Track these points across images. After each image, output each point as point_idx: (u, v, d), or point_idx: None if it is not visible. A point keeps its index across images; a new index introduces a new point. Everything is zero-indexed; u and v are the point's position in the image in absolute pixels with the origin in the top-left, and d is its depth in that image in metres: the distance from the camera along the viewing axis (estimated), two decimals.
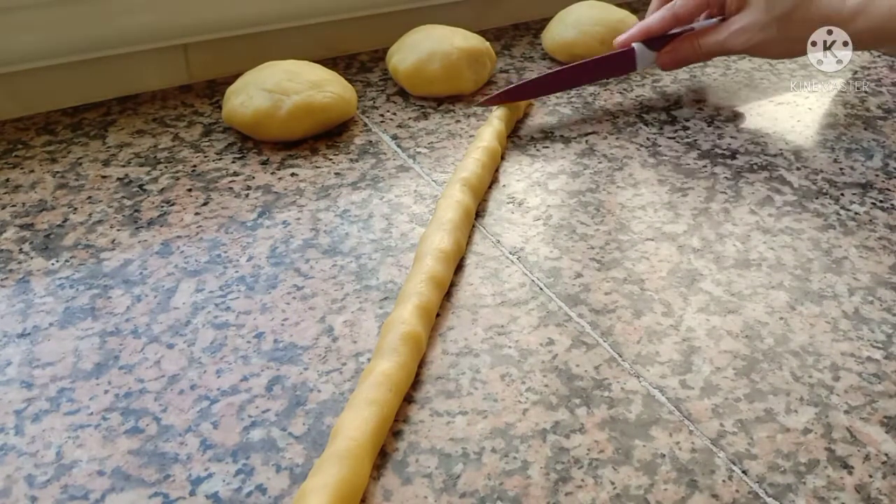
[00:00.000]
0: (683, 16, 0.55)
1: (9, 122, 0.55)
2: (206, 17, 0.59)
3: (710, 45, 0.55)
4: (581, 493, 0.30)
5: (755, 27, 0.52)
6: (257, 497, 0.30)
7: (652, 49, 0.56)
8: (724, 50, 0.55)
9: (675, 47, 0.56)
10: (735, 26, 0.53)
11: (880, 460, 0.32)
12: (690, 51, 0.55)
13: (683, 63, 0.57)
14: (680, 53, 0.56)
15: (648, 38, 0.56)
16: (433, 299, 0.38)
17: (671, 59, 0.56)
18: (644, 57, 0.56)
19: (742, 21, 0.53)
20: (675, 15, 0.55)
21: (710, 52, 0.55)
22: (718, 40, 0.54)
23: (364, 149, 0.53)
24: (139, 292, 0.40)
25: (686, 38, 0.56)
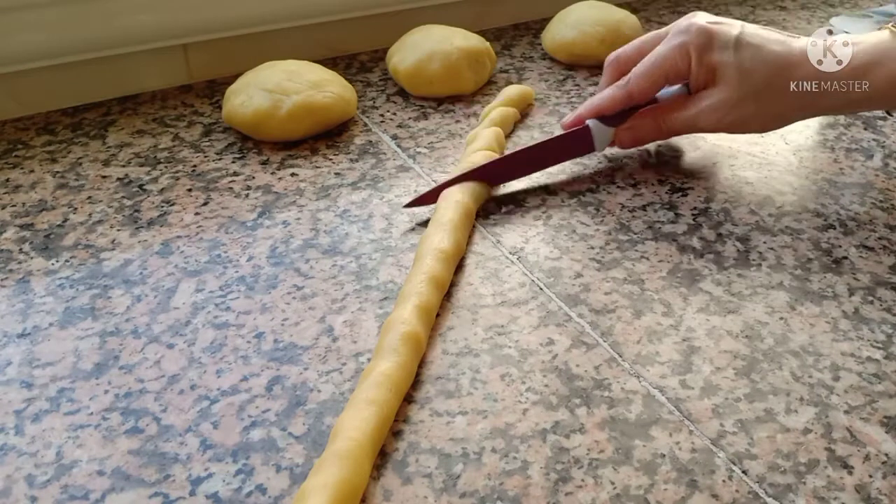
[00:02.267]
0: (637, 95, 0.48)
1: (9, 122, 0.55)
2: (206, 17, 0.59)
3: (676, 122, 0.48)
4: (581, 493, 0.30)
5: (727, 104, 0.45)
6: (257, 497, 0.30)
7: (609, 125, 0.49)
8: (693, 128, 0.48)
9: (634, 125, 0.49)
10: (705, 103, 0.46)
11: (880, 460, 0.32)
12: (653, 129, 0.49)
13: (645, 142, 0.50)
14: (640, 132, 0.49)
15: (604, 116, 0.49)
16: (433, 299, 0.38)
17: (630, 137, 0.49)
18: (602, 134, 0.49)
19: (712, 98, 0.46)
20: (629, 94, 0.48)
21: (676, 131, 0.49)
22: (686, 117, 0.47)
23: (364, 149, 0.53)
24: (139, 292, 0.40)
25: (648, 114, 0.49)
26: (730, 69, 0.45)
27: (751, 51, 0.45)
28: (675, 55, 0.46)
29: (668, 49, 0.46)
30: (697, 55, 0.45)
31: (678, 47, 0.46)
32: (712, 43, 0.45)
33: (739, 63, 0.45)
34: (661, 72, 0.47)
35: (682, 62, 0.46)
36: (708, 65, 0.45)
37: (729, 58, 0.45)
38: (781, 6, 0.80)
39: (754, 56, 0.45)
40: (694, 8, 0.79)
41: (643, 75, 0.47)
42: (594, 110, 0.49)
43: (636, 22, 0.66)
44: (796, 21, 0.76)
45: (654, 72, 0.47)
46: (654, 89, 0.48)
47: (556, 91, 0.61)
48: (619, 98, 0.48)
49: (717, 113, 0.46)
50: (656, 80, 0.47)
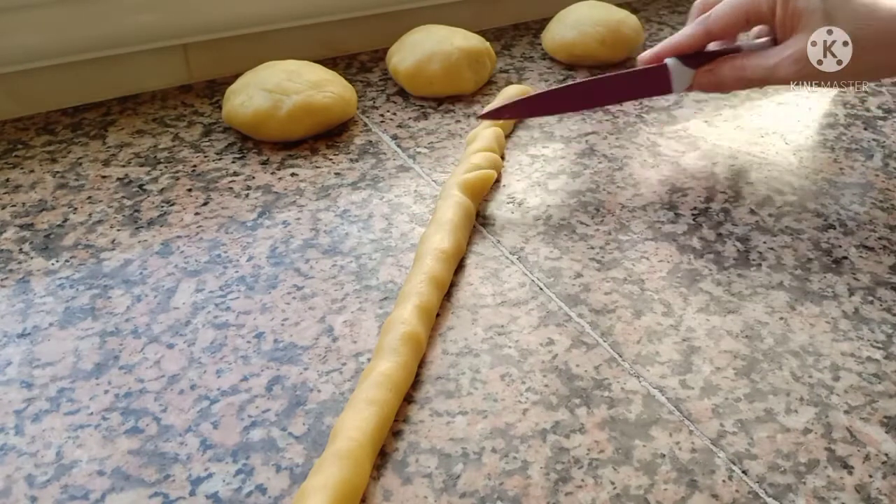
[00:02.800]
0: (716, 32, 0.46)
1: (9, 122, 0.55)
2: (206, 17, 0.59)
3: (756, 70, 0.46)
4: (581, 493, 0.30)
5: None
6: (257, 497, 0.30)
7: (689, 66, 0.47)
8: (772, 78, 0.45)
9: (715, 67, 0.47)
10: (787, 52, 0.44)
11: (880, 460, 0.32)
12: (733, 74, 0.47)
13: (724, 88, 0.48)
14: (720, 75, 0.47)
15: (682, 55, 0.47)
16: (433, 299, 0.38)
17: (710, 80, 0.47)
18: (681, 76, 0.47)
19: (795, 47, 0.43)
20: (707, 30, 0.46)
21: (755, 79, 0.46)
22: (767, 66, 0.45)
23: (364, 149, 0.53)
24: (139, 292, 0.40)
25: (731, 60, 0.47)
26: (815, 17, 0.43)
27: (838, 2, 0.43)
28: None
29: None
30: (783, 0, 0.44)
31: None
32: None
33: (825, 11, 0.42)
34: (742, 12, 0.45)
35: (765, 5, 0.44)
36: (793, 10, 0.43)
37: (815, 4, 0.43)
38: None
39: (842, 5, 0.42)
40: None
41: (724, 12, 0.46)
42: (672, 47, 0.48)
43: (636, 22, 0.66)
44: None
45: (736, 10, 0.45)
46: (733, 28, 0.46)
47: None
48: (697, 34, 0.47)
49: (799, 63, 0.44)
50: (737, 18, 0.46)
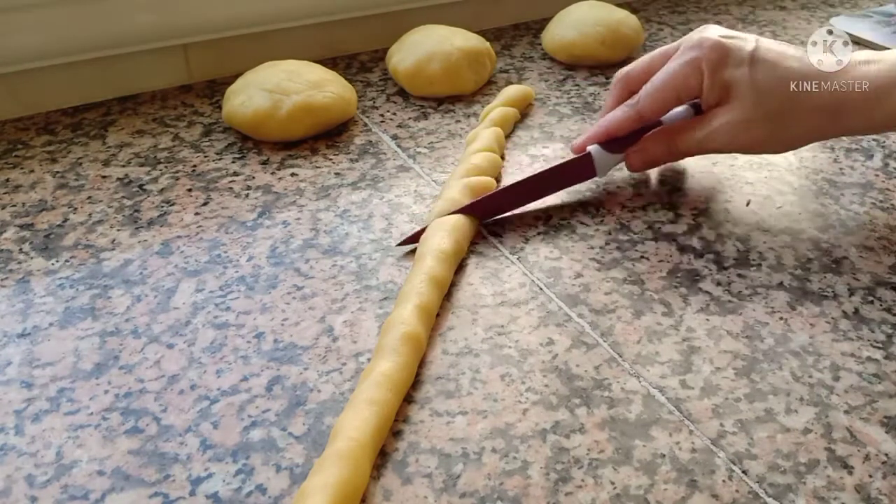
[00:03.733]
0: (647, 115, 0.45)
1: (9, 122, 0.55)
2: (206, 17, 0.59)
3: (688, 144, 0.45)
4: (581, 493, 0.30)
5: (741, 124, 0.43)
6: (257, 497, 0.30)
7: (611, 152, 0.47)
8: (706, 149, 0.45)
9: (645, 147, 0.46)
10: (717, 122, 0.43)
11: (880, 460, 0.32)
12: (664, 151, 0.46)
13: (656, 164, 0.48)
14: (650, 154, 0.47)
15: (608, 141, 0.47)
16: (433, 299, 0.38)
17: (640, 160, 0.47)
18: (604, 161, 0.47)
19: (725, 117, 0.43)
20: (639, 114, 0.45)
21: (688, 152, 0.46)
22: (699, 138, 0.44)
23: (364, 149, 0.53)
24: (139, 292, 0.40)
25: (657, 137, 0.46)
26: (744, 86, 0.42)
27: (766, 67, 0.42)
28: (686, 72, 0.44)
29: (679, 65, 0.44)
30: (710, 71, 0.43)
31: (690, 63, 0.43)
32: (726, 59, 0.43)
33: (754, 80, 0.42)
34: (673, 90, 0.44)
35: (693, 79, 0.43)
36: (721, 82, 0.43)
37: (743, 75, 0.42)
38: (781, 6, 0.80)
39: (770, 73, 0.42)
40: (693, 8, 0.79)
41: (653, 94, 0.45)
42: (604, 132, 0.47)
43: (636, 22, 0.66)
44: (796, 21, 0.76)
45: (665, 90, 0.44)
46: (664, 108, 0.46)
47: (556, 91, 0.61)
48: (628, 118, 0.46)
49: (730, 133, 0.43)
50: (667, 98, 0.45)
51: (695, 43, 0.44)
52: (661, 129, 0.46)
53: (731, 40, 0.43)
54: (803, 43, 0.69)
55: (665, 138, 0.46)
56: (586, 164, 0.47)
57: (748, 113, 0.43)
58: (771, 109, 0.42)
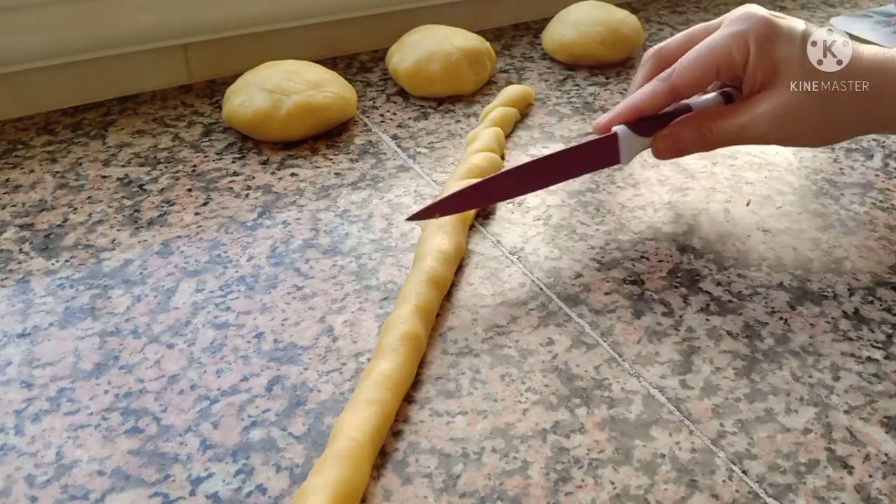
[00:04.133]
0: (683, 89, 0.41)
1: (9, 122, 0.55)
2: (206, 17, 0.59)
3: (725, 131, 0.41)
4: (581, 493, 0.30)
5: (790, 109, 0.39)
6: (257, 497, 0.30)
7: (640, 134, 0.42)
8: (744, 138, 0.41)
9: (675, 132, 0.41)
10: (762, 108, 0.39)
11: (880, 460, 0.32)
12: (698, 138, 0.41)
13: (686, 152, 0.43)
14: (682, 140, 0.42)
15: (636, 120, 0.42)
16: (433, 299, 0.38)
17: (671, 145, 0.42)
18: (631, 145, 0.42)
19: (772, 101, 0.39)
20: (673, 87, 0.41)
21: (724, 141, 0.41)
22: (739, 125, 0.40)
23: (364, 149, 0.53)
24: (139, 292, 0.40)
25: (691, 121, 0.41)
26: (796, 67, 0.38)
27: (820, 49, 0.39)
28: (730, 45, 0.39)
29: (724, 37, 0.40)
30: (759, 47, 0.39)
31: (735, 36, 0.39)
32: (776, 35, 0.39)
33: (805, 63, 0.39)
34: (713, 63, 0.40)
35: (738, 54, 0.39)
36: (770, 59, 0.39)
37: (795, 54, 0.39)
38: (781, 6, 0.80)
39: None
40: (693, 8, 0.79)
41: (691, 67, 0.40)
42: (632, 108, 0.42)
43: (636, 22, 0.66)
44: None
45: (705, 63, 0.40)
46: (702, 83, 0.41)
47: (556, 91, 0.61)
48: (660, 92, 0.41)
49: (778, 120, 0.39)
50: (706, 72, 0.40)
51: (742, 16, 0.40)
52: (695, 115, 0.42)
53: (780, 19, 0.40)
54: None
55: (698, 123, 0.41)
56: (610, 147, 0.42)
57: (800, 97, 0.39)
58: (826, 94, 0.39)
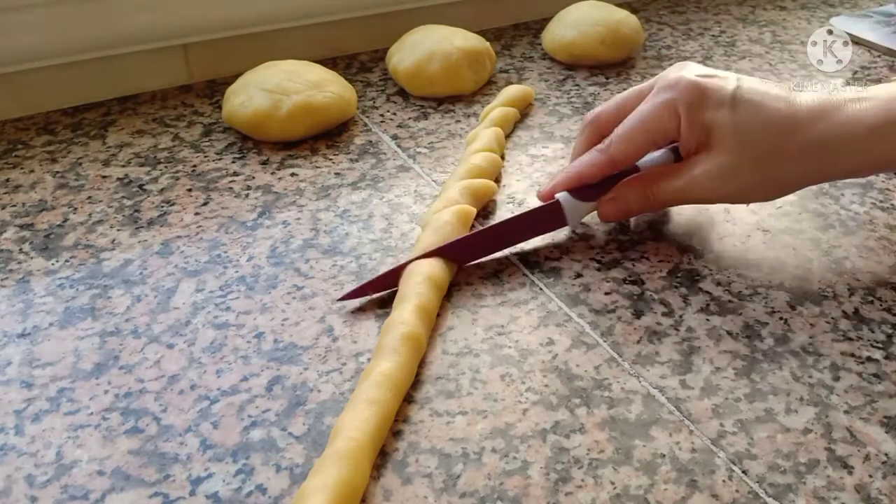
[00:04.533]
0: (621, 161, 0.42)
1: (9, 122, 0.55)
2: (206, 17, 0.59)
3: (666, 193, 0.41)
4: (581, 493, 0.30)
5: (724, 172, 0.39)
6: (257, 497, 0.30)
7: (583, 200, 0.43)
8: (686, 199, 0.42)
9: (620, 195, 0.42)
10: (698, 170, 0.40)
11: (880, 460, 0.32)
12: (641, 199, 0.42)
13: (631, 214, 0.44)
14: (626, 202, 0.42)
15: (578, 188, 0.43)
16: (433, 299, 0.38)
17: (614, 209, 0.43)
18: (575, 210, 0.43)
19: (706, 164, 0.40)
20: (611, 159, 0.42)
21: (666, 202, 0.42)
22: (678, 187, 0.41)
23: (364, 149, 0.53)
24: (139, 292, 0.40)
25: (633, 184, 0.42)
26: (726, 130, 0.39)
27: (749, 109, 0.39)
28: (661, 114, 0.40)
29: (654, 107, 0.40)
30: (688, 113, 0.39)
31: (665, 104, 0.40)
32: (705, 99, 0.39)
33: (737, 123, 0.39)
34: (646, 133, 0.41)
35: (669, 122, 0.40)
36: (700, 125, 0.39)
37: (725, 117, 0.39)
38: (781, 6, 0.80)
39: (754, 115, 0.39)
40: (693, 8, 0.79)
41: (625, 137, 0.41)
42: (573, 178, 0.43)
43: (636, 22, 0.66)
44: (796, 21, 0.76)
45: (638, 133, 0.41)
46: (638, 153, 0.42)
47: (556, 91, 0.61)
48: (599, 163, 0.42)
49: (715, 181, 0.40)
50: (641, 142, 0.41)
51: (670, 82, 0.40)
52: (638, 176, 0.43)
53: (709, 80, 0.40)
54: (803, 43, 0.70)
55: (642, 186, 0.42)
56: (555, 213, 0.43)
57: (733, 158, 0.39)
58: (758, 154, 0.39)
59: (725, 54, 0.68)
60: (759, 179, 0.39)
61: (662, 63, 0.66)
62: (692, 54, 0.68)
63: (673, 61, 0.66)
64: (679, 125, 0.40)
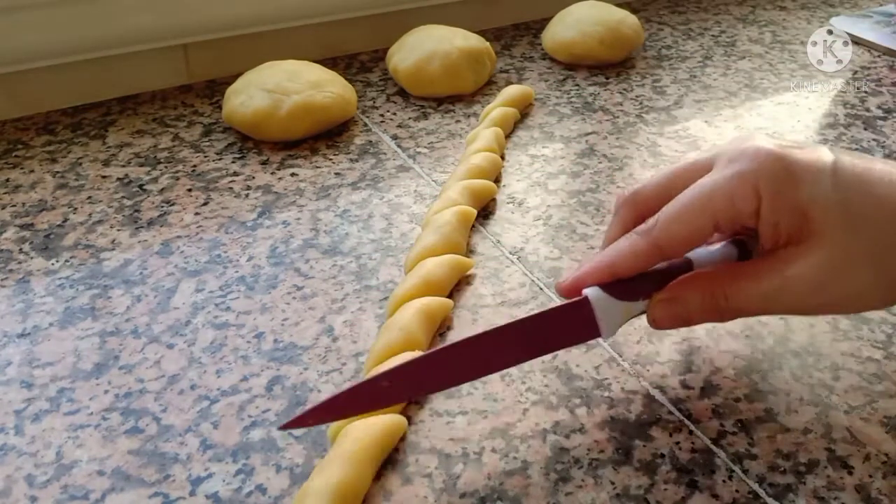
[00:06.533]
0: (670, 248, 0.30)
1: (9, 122, 0.55)
2: (206, 17, 0.59)
3: (747, 299, 0.30)
4: (581, 493, 0.30)
5: (832, 270, 0.29)
6: (257, 497, 0.30)
7: (621, 297, 0.31)
8: (771, 308, 0.31)
9: (678, 296, 0.31)
10: (793, 269, 0.29)
11: (880, 460, 0.32)
12: (710, 306, 0.31)
13: (691, 323, 0.32)
14: (686, 307, 0.31)
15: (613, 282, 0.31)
16: (433, 304, 0.38)
17: (671, 314, 0.31)
18: (611, 312, 0.31)
19: (807, 261, 0.29)
20: (657, 246, 0.30)
21: (745, 311, 0.31)
22: (763, 292, 0.30)
23: (364, 149, 0.53)
24: (139, 292, 0.40)
25: (698, 283, 0.31)
26: (830, 216, 0.29)
27: (858, 186, 0.29)
28: (732, 189, 0.29)
29: (723, 180, 0.30)
30: (773, 192, 0.29)
31: (739, 178, 0.29)
32: (795, 175, 0.29)
33: (844, 206, 0.29)
34: (708, 214, 0.30)
35: (744, 202, 0.29)
36: (791, 208, 0.29)
37: (826, 198, 0.29)
38: (781, 6, 0.80)
39: (865, 194, 0.29)
40: (693, 8, 0.79)
41: (677, 216, 0.30)
42: (607, 268, 0.31)
43: (636, 22, 0.66)
44: (796, 21, 0.76)
45: (696, 213, 0.30)
46: (692, 239, 0.31)
47: (556, 91, 0.61)
48: (641, 251, 0.31)
49: (815, 285, 0.29)
50: (698, 226, 0.30)
51: (743, 151, 0.30)
52: (701, 274, 0.32)
53: (796, 150, 0.30)
54: (803, 43, 0.70)
55: (708, 287, 0.31)
56: (584, 316, 0.31)
57: (841, 252, 0.29)
58: (875, 245, 0.29)
59: (725, 54, 0.68)
60: (876, 280, 0.29)
61: (662, 63, 0.66)
62: (692, 54, 0.68)
63: (673, 61, 0.66)
64: (758, 207, 0.29)
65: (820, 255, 0.29)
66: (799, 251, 0.29)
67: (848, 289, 0.29)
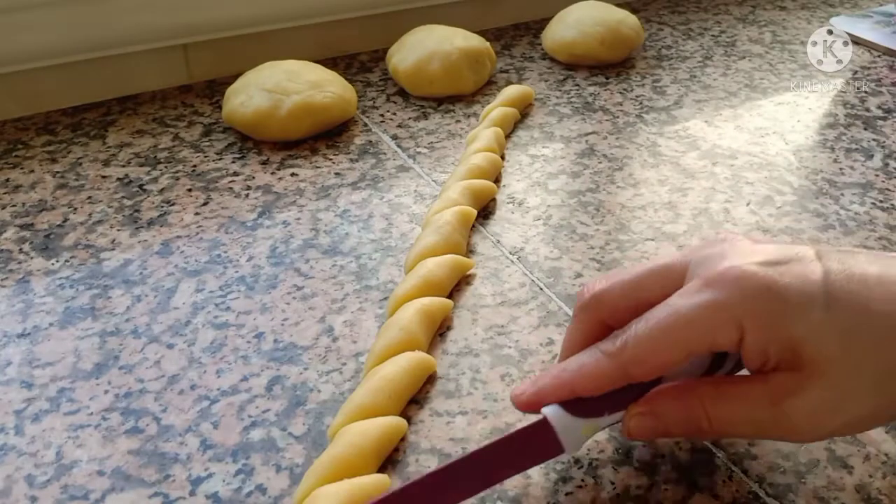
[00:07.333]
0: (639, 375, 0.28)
1: (9, 122, 0.55)
2: (206, 17, 0.59)
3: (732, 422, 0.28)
4: (581, 493, 0.30)
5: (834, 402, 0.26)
6: (257, 497, 0.30)
7: (581, 415, 0.28)
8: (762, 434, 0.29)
9: (655, 410, 0.28)
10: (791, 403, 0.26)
11: (880, 460, 0.32)
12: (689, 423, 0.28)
13: (669, 436, 0.30)
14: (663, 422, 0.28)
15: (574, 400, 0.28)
16: (435, 304, 0.38)
17: (649, 427, 0.28)
18: (573, 429, 0.28)
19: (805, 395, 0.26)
20: (625, 371, 0.27)
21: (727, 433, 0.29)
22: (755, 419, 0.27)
23: (364, 149, 0.53)
24: (139, 292, 0.40)
25: (676, 396, 0.28)
26: (829, 348, 0.26)
27: (855, 306, 0.26)
28: (709, 322, 0.27)
29: (698, 309, 0.27)
30: (758, 328, 0.26)
31: (717, 309, 0.26)
32: (783, 306, 0.26)
33: (843, 332, 0.26)
34: (682, 344, 0.27)
35: (723, 335, 0.26)
36: (780, 342, 0.26)
37: (820, 326, 0.26)
38: (781, 6, 0.80)
39: (862, 312, 0.26)
40: (693, 8, 0.79)
41: (649, 345, 0.27)
42: (565, 387, 0.28)
43: (636, 22, 0.66)
44: (796, 21, 0.76)
45: (670, 343, 0.27)
46: (664, 368, 0.28)
47: (556, 91, 0.61)
48: (605, 373, 0.28)
49: (814, 418, 0.26)
50: (671, 356, 0.27)
51: (720, 275, 0.27)
52: (683, 387, 0.29)
53: (779, 268, 0.27)
54: (803, 43, 0.70)
55: (691, 402, 0.28)
56: (545, 437, 0.28)
57: (843, 382, 0.26)
58: (880, 371, 0.26)
59: (725, 54, 0.68)
60: (877, 404, 0.27)
61: (662, 63, 0.66)
62: (692, 54, 0.68)
63: (673, 61, 0.66)
64: (740, 340, 0.26)
65: (818, 390, 0.26)
66: (794, 382, 0.26)
67: (847, 417, 0.27)
